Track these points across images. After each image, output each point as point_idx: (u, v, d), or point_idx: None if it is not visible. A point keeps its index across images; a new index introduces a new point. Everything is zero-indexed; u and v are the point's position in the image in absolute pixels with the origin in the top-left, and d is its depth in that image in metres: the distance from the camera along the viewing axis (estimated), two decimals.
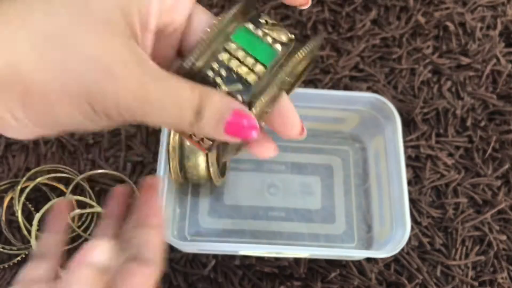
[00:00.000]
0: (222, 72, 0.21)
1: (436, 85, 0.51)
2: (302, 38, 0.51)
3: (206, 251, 0.41)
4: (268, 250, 0.38)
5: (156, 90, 0.19)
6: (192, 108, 0.20)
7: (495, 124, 0.50)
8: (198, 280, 0.41)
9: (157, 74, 0.19)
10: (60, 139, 0.44)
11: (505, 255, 0.45)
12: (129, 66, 0.18)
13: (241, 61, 0.21)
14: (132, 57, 0.19)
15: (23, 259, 0.41)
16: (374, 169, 0.45)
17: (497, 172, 0.47)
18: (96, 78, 0.18)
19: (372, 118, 0.44)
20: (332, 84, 0.49)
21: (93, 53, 0.18)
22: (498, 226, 0.46)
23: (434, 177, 0.47)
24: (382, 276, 0.43)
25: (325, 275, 0.42)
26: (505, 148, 0.49)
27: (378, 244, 0.42)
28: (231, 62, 0.21)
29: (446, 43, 0.53)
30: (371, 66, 0.51)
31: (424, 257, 0.44)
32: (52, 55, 0.18)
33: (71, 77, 0.18)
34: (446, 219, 0.45)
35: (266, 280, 0.42)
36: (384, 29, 0.53)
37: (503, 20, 0.55)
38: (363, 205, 0.45)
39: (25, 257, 0.41)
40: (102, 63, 0.18)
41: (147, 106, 0.19)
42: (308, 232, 0.44)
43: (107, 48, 0.18)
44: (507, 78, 0.52)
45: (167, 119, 0.20)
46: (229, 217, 0.44)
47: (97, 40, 0.18)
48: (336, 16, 0.53)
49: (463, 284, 0.43)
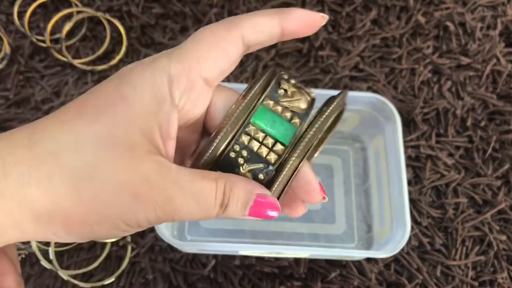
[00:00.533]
0: (244, 153, 0.22)
1: (436, 85, 0.51)
2: (302, 38, 0.51)
3: (206, 251, 0.41)
4: (268, 250, 0.38)
5: (181, 199, 0.20)
6: (218, 204, 0.21)
7: (495, 124, 0.50)
8: (198, 280, 0.41)
9: (180, 181, 0.21)
10: None
11: (505, 255, 0.45)
12: (153, 183, 0.20)
13: (261, 142, 0.22)
14: (155, 173, 0.20)
15: (23, 259, 0.41)
16: (374, 169, 0.45)
17: (497, 172, 0.47)
18: (126, 202, 0.20)
19: (372, 118, 0.44)
20: (332, 84, 0.49)
21: (120, 179, 0.20)
22: (498, 226, 0.46)
23: (434, 177, 0.47)
24: (382, 276, 0.43)
25: (325, 275, 0.42)
26: (505, 148, 0.49)
27: (378, 244, 0.42)
28: (252, 144, 0.22)
29: (446, 43, 0.53)
30: (371, 66, 0.51)
31: (424, 257, 0.44)
32: (85, 189, 0.20)
33: (104, 205, 0.20)
34: (446, 219, 0.45)
35: (266, 280, 0.42)
36: (384, 29, 0.53)
37: (503, 20, 0.55)
38: (363, 205, 0.45)
39: (25, 257, 0.41)
40: (128, 187, 0.20)
41: (175, 215, 0.21)
42: (308, 232, 0.44)
43: (132, 172, 0.20)
44: (507, 78, 0.52)
45: (195, 217, 0.22)
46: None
47: (122, 167, 0.20)
48: (336, 16, 0.53)
49: (463, 284, 0.43)
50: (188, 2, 0.52)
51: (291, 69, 0.50)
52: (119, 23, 0.50)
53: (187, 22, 0.51)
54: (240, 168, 0.22)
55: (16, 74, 0.47)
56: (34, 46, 0.48)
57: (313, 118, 0.23)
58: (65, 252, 0.41)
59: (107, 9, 0.51)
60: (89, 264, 0.41)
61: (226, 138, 0.22)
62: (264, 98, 0.23)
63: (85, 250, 0.41)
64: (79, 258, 0.41)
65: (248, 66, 0.49)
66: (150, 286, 0.41)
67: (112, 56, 0.49)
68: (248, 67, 0.49)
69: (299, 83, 0.24)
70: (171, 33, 0.50)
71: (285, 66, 0.50)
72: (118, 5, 0.51)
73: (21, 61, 0.48)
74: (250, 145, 0.22)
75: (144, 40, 0.50)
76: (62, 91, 0.47)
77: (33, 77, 0.47)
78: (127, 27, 0.50)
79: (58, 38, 0.49)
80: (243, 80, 0.48)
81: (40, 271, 0.41)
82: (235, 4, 0.52)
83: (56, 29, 0.50)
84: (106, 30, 0.50)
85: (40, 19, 0.50)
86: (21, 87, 0.47)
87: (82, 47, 0.49)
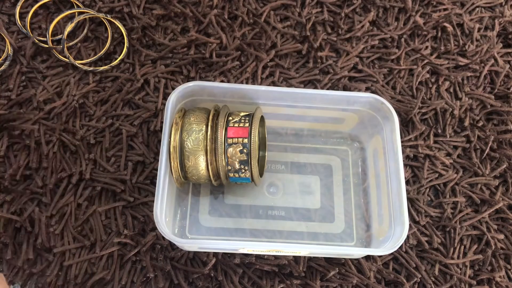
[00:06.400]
0: None
1: (434, 86, 0.51)
2: (302, 39, 0.52)
3: (206, 249, 0.41)
4: (268, 248, 0.39)
5: None
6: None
7: (493, 124, 0.50)
8: (198, 278, 0.41)
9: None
10: (61, 138, 0.45)
11: (503, 254, 0.45)
12: None
13: None
14: None
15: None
16: (373, 168, 0.45)
17: (494, 172, 0.48)
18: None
19: (371, 118, 0.45)
20: (331, 84, 0.50)
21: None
22: (496, 225, 0.46)
23: (432, 177, 0.47)
24: (381, 275, 0.43)
25: (324, 273, 0.42)
26: (502, 148, 0.49)
27: (377, 243, 0.42)
28: None
29: (444, 44, 0.54)
30: (370, 66, 0.52)
31: (423, 255, 0.44)
32: None
33: None
34: (444, 218, 0.45)
35: (266, 278, 0.42)
36: (382, 30, 0.54)
37: (501, 21, 0.56)
38: (362, 204, 0.46)
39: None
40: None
41: None
42: (308, 231, 0.44)
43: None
44: (505, 79, 0.53)
45: None
46: (229, 216, 0.44)
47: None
48: (335, 17, 0.53)
49: (461, 282, 0.43)
50: (189, 3, 0.52)
51: (290, 69, 0.50)
52: (120, 24, 0.50)
53: (187, 23, 0.51)
54: None
55: (18, 74, 0.47)
56: (36, 47, 0.49)
57: None
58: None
59: (108, 10, 0.51)
60: (90, 263, 0.41)
61: None
62: None
63: (87, 249, 0.42)
64: (80, 259, 0.41)
65: (248, 66, 0.49)
66: (151, 284, 0.41)
67: (113, 57, 0.50)
68: (248, 67, 0.49)
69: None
70: (172, 34, 0.51)
71: (284, 66, 0.50)
72: (119, 6, 0.51)
73: (23, 62, 0.48)
74: None
75: (145, 41, 0.50)
76: (64, 92, 0.47)
77: (35, 77, 0.48)
78: (128, 28, 0.50)
79: (60, 39, 0.50)
80: (243, 80, 0.49)
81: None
82: (235, 5, 0.53)
83: (58, 30, 0.50)
84: (107, 31, 0.50)
85: (42, 20, 0.51)
86: (23, 88, 0.47)
87: (84, 48, 0.50)
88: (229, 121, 0.39)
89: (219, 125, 0.38)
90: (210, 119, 0.39)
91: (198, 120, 0.39)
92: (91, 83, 0.48)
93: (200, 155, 0.38)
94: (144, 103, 0.47)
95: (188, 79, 0.49)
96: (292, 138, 0.48)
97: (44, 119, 0.46)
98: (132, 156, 0.45)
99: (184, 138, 0.38)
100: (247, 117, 0.40)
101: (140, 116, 0.46)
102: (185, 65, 0.49)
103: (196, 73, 0.49)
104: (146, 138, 0.46)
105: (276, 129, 0.48)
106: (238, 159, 0.39)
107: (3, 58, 0.48)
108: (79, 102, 0.46)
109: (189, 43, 0.50)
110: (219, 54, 0.50)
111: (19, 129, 0.44)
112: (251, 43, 0.51)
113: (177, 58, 0.50)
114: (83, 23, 0.51)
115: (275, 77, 0.49)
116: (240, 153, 0.38)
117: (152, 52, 0.50)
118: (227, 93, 0.42)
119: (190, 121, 0.39)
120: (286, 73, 0.50)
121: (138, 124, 0.46)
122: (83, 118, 0.46)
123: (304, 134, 0.48)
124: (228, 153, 0.38)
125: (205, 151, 0.38)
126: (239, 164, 0.39)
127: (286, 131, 0.48)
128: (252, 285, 0.42)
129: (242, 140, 0.38)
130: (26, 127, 0.44)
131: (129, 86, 0.48)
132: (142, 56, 0.49)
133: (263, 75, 0.49)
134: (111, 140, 0.45)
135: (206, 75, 0.49)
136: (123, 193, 0.43)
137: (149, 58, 0.49)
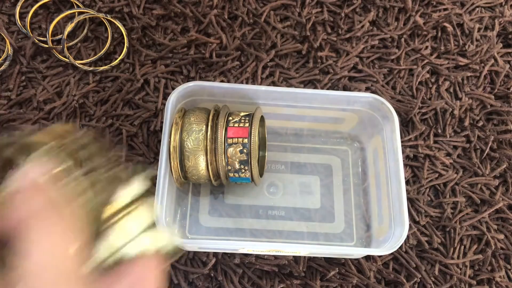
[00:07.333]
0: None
1: (434, 86, 0.51)
2: (302, 39, 0.52)
3: (206, 249, 0.41)
4: (268, 248, 0.39)
5: None
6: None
7: (493, 124, 0.50)
8: (198, 278, 0.41)
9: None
10: None
11: (502, 254, 0.45)
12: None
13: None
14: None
15: None
16: (373, 168, 0.45)
17: (494, 172, 0.48)
18: None
19: (371, 118, 0.45)
20: (331, 84, 0.50)
21: None
22: (496, 225, 0.46)
23: (432, 177, 0.47)
24: (381, 275, 0.43)
25: (324, 273, 0.42)
26: (502, 148, 0.49)
27: (377, 243, 0.42)
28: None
29: (444, 44, 0.54)
30: (370, 66, 0.52)
31: (423, 255, 0.44)
32: None
33: None
34: (444, 218, 0.45)
35: (266, 278, 0.42)
36: (382, 30, 0.54)
37: (501, 21, 0.56)
38: (362, 204, 0.46)
39: None
40: None
41: None
42: (308, 231, 0.44)
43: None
44: (505, 79, 0.53)
45: None
46: (229, 216, 0.44)
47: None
48: (335, 17, 0.53)
49: (461, 282, 0.43)
50: (189, 3, 0.52)
51: (290, 69, 0.50)
52: (120, 24, 0.50)
53: (187, 23, 0.51)
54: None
55: (18, 74, 0.47)
56: (36, 47, 0.49)
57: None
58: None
59: (108, 10, 0.51)
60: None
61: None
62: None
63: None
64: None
65: (248, 66, 0.49)
66: None
67: (113, 57, 0.50)
68: (248, 67, 0.49)
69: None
70: (172, 34, 0.51)
71: (284, 66, 0.50)
72: (119, 6, 0.51)
73: (23, 62, 0.48)
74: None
75: (145, 41, 0.50)
76: (64, 92, 0.47)
77: (35, 77, 0.48)
78: (128, 28, 0.50)
79: (60, 39, 0.50)
80: (243, 80, 0.49)
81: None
82: (235, 5, 0.53)
83: (57, 30, 0.50)
84: (107, 31, 0.50)
85: (42, 20, 0.51)
86: (23, 88, 0.47)
87: (84, 48, 0.50)
88: (229, 121, 0.39)
89: (219, 125, 0.38)
90: (210, 119, 0.39)
91: (198, 120, 0.39)
92: (91, 83, 0.48)
93: (200, 155, 0.38)
94: (144, 103, 0.47)
95: (188, 79, 0.49)
96: (292, 138, 0.48)
97: (44, 119, 0.46)
98: (132, 156, 0.45)
99: (184, 138, 0.38)
100: (247, 117, 0.40)
101: (140, 116, 0.46)
102: (185, 65, 0.49)
103: (196, 73, 0.49)
104: (146, 138, 0.46)
105: (276, 129, 0.48)
106: (238, 159, 0.39)
107: (3, 58, 0.48)
108: (79, 102, 0.46)
109: (189, 43, 0.50)
110: (219, 54, 0.50)
111: (19, 129, 0.44)
112: (251, 43, 0.51)
113: (177, 58, 0.50)
114: (83, 23, 0.51)
115: (275, 77, 0.49)
116: (240, 153, 0.38)
117: (152, 52, 0.50)
118: (227, 93, 0.42)
119: (190, 121, 0.39)
120: (286, 73, 0.50)
121: (138, 124, 0.46)
122: (83, 118, 0.46)
123: (304, 134, 0.48)
124: (228, 153, 0.38)
125: (205, 151, 0.38)
126: (239, 164, 0.39)
127: (286, 131, 0.48)
128: (252, 285, 0.42)
129: (242, 140, 0.38)
130: (26, 127, 0.44)
131: (129, 86, 0.48)
132: (142, 56, 0.49)
133: (263, 75, 0.49)
134: (111, 140, 0.45)
135: (206, 75, 0.49)
136: None
137: (149, 58, 0.49)
